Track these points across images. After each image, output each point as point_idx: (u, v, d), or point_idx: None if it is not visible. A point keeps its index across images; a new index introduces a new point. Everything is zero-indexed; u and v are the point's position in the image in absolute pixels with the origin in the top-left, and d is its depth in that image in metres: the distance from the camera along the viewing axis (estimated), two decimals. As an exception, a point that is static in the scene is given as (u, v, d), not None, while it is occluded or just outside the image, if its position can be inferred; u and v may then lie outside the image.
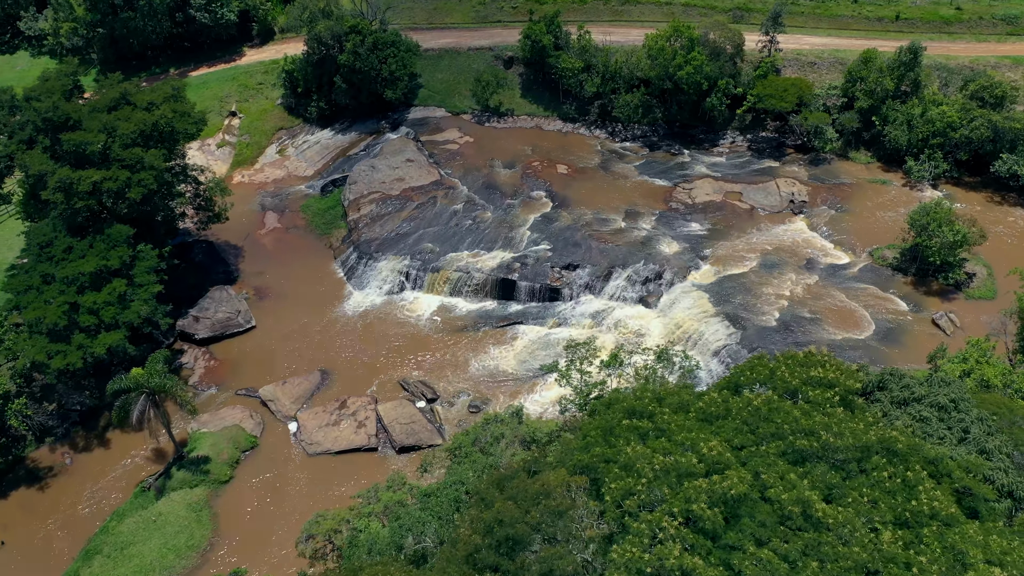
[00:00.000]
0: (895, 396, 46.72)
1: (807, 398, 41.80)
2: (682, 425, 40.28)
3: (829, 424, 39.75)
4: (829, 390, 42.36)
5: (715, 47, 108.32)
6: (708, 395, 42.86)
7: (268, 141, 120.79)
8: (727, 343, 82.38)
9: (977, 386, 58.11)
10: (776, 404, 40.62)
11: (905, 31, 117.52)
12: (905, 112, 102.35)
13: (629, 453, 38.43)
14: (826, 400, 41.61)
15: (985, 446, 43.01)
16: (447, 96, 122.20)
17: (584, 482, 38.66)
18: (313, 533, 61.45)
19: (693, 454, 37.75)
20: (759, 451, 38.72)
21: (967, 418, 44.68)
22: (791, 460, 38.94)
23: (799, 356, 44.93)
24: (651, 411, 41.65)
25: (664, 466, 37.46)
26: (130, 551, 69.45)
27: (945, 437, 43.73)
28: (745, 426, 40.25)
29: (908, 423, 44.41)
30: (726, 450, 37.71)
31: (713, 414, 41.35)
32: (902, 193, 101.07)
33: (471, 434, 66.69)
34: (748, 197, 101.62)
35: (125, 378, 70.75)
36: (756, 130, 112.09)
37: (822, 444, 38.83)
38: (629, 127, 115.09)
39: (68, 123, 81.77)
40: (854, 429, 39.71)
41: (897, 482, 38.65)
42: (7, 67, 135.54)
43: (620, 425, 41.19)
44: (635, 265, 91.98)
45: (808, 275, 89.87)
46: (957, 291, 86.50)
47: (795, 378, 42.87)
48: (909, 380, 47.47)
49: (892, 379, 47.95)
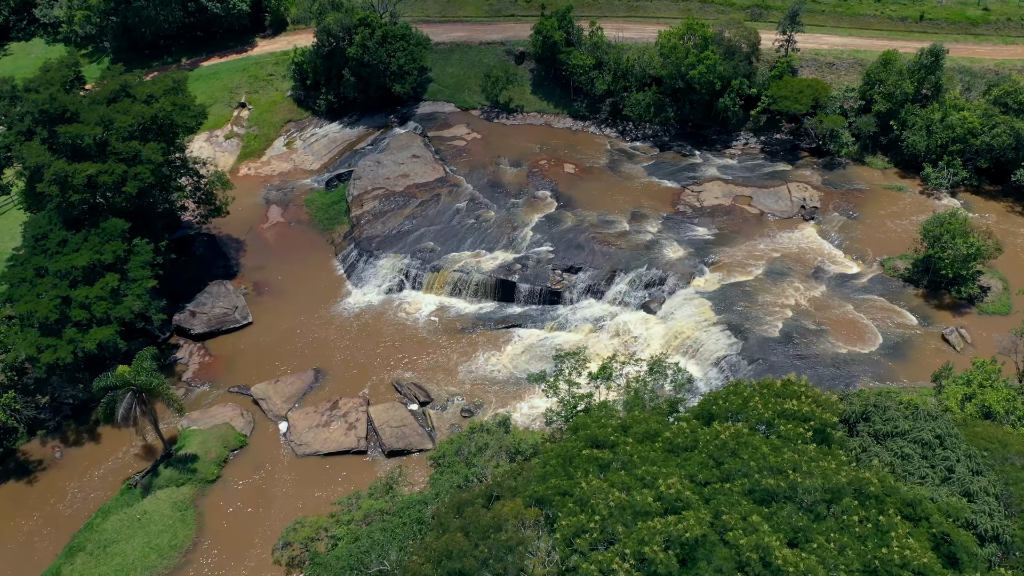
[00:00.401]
0: (877, 429, 44.41)
1: (778, 432, 39.72)
2: (646, 457, 38.42)
3: (799, 462, 37.64)
4: (804, 424, 40.22)
5: (730, 46, 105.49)
6: (677, 424, 40.94)
7: (276, 133, 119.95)
8: (727, 353, 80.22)
9: (978, 411, 55.64)
10: (745, 438, 38.63)
11: (929, 32, 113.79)
12: (924, 117, 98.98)
13: (584, 488, 36.70)
14: (798, 435, 39.48)
15: (969, 487, 40.66)
16: (457, 91, 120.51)
17: (538, 515, 37.06)
18: (290, 540, 60.55)
19: (651, 491, 35.90)
20: (723, 488, 36.81)
21: (952, 456, 42.25)
22: (757, 499, 36.97)
23: (776, 385, 42.82)
24: (614, 441, 39.86)
25: (620, 503, 35.66)
26: (113, 549, 69.09)
27: (927, 476, 41.45)
28: (711, 460, 38.30)
29: (888, 460, 42.15)
30: (686, 488, 35.79)
31: (680, 445, 39.47)
32: (918, 201, 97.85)
33: (456, 443, 65.34)
34: (758, 201, 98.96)
35: (111, 375, 70.21)
36: (770, 132, 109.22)
37: (790, 484, 36.79)
38: (640, 126, 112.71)
39: (65, 115, 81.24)
40: (824, 469, 37.60)
41: (868, 527, 36.48)
42: (22, 54, 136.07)
43: (580, 455, 39.49)
44: (638, 269, 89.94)
45: (815, 284, 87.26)
46: (970, 305, 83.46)
47: (768, 410, 40.75)
48: (893, 412, 45.10)
49: (875, 411, 45.62)
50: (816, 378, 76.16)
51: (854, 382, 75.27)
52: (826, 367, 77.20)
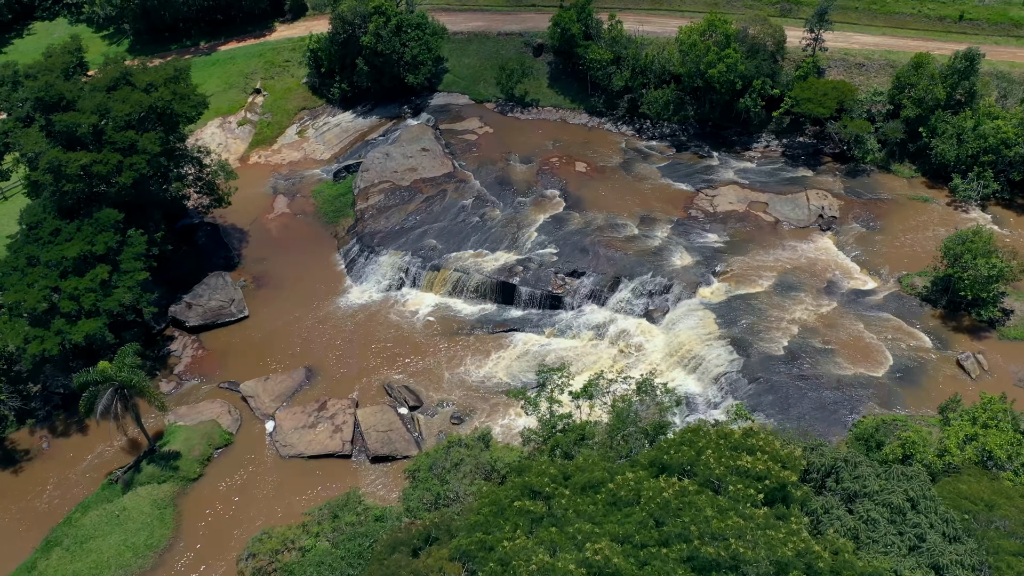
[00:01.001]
0: (846, 487, 41.13)
1: (727, 492, 36.76)
2: (583, 511, 35.81)
3: (744, 529, 34.67)
4: (759, 482, 37.14)
5: (754, 43, 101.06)
6: (623, 475, 38.15)
7: (289, 121, 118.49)
8: (728, 370, 76.96)
9: (978, 455, 51.90)
10: (690, 497, 35.75)
11: (969, 33, 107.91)
12: (955, 124, 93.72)
13: (507, 547, 34.24)
14: (749, 497, 36.46)
15: (940, 559, 37.26)
16: (472, 83, 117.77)
17: (459, 571, 34.83)
18: (255, 552, 59.26)
19: (578, 553, 33.32)
20: (660, 554, 34.04)
21: (924, 521, 38.79)
22: (695, 567, 34.07)
23: (735, 436, 39.68)
24: (550, 492, 37.31)
25: (541, 567, 33.15)
26: (89, 545, 68.63)
27: (893, 544, 38.11)
28: (652, 520, 35.52)
29: (852, 524, 38.90)
30: (615, 554, 33.07)
31: (623, 499, 36.74)
32: (945, 213, 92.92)
33: (431, 456, 63.39)
34: (774, 208, 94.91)
35: (92, 370, 69.46)
36: (793, 134, 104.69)
37: (731, 554, 33.80)
38: (658, 125, 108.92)
39: (61, 103, 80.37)
40: (771, 539, 34.57)
41: (815, 607, 33.53)
42: (45, 34, 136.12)
43: (511, 507, 37.03)
44: (642, 277, 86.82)
45: (827, 300, 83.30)
46: (990, 329, 78.83)
47: (721, 466, 37.69)
48: (864, 469, 41.74)
49: (845, 467, 42.28)
50: (818, 401, 72.92)
51: (858, 407, 71.69)
52: (829, 390, 73.59)
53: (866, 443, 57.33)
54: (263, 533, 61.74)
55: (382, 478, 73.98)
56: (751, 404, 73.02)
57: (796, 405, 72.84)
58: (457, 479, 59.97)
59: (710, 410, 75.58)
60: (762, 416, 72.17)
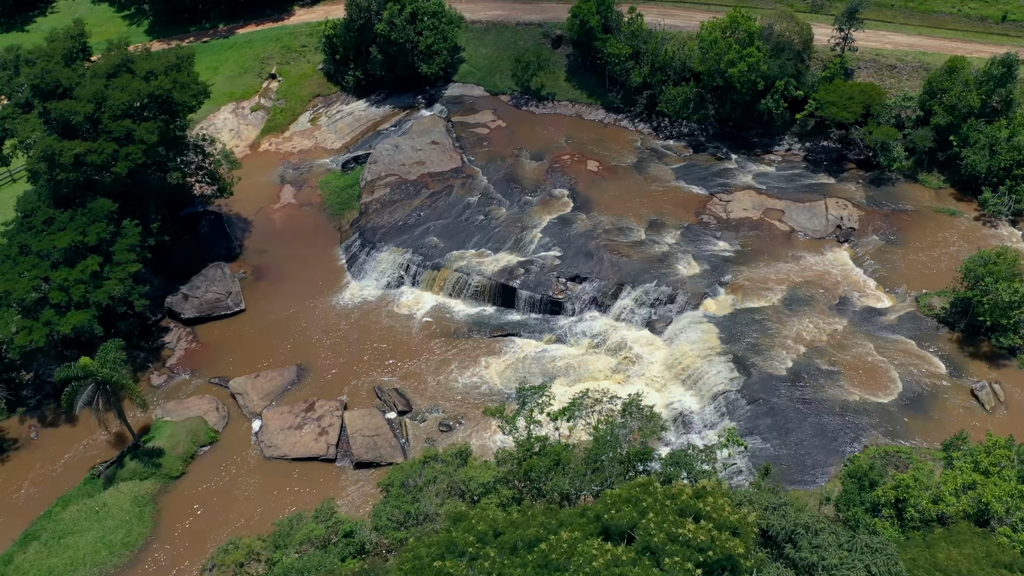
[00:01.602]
0: (802, 558, 38.08)
1: (663, 565, 33.96)
2: (510, 574, 33.38)
3: (675, 608, 32.07)
4: (700, 554, 34.21)
5: (779, 41, 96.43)
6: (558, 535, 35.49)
7: (303, 108, 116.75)
8: (727, 389, 73.75)
9: (973, 507, 48.44)
10: (621, 569, 33.08)
11: (1011, 35, 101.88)
12: (989, 134, 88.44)
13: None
14: (686, 572, 33.56)
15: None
16: (488, 74, 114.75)
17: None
18: (219, 563, 58.06)
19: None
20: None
21: (885, 602, 35.81)
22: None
23: (685, 494, 36.59)
24: (474, 553, 34.98)
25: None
26: (67, 541, 68.23)
27: (847, 627, 35.22)
28: (580, 591, 33.04)
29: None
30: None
31: (554, 562, 34.25)
32: (972, 228, 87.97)
33: (407, 470, 61.52)
34: (790, 217, 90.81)
35: (73, 366, 68.72)
36: (817, 138, 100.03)
37: (658, 636, 31.31)
38: (676, 123, 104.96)
39: (58, 90, 79.39)
40: (702, 621, 31.91)
41: None
42: (68, 12, 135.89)
43: (430, 567, 34.72)
44: (646, 285, 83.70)
45: (838, 318, 79.40)
46: (1010, 357, 74.29)
47: (661, 532, 34.84)
48: (826, 538, 38.55)
49: (804, 534, 39.13)
50: (819, 427, 69.50)
51: (861, 436, 68.17)
52: (832, 416, 70.08)
53: (859, 481, 54.00)
54: (229, 543, 60.53)
55: (362, 486, 72.44)
56: (748, 427, 69.93)
57: (795, 430, 69.52)
58: (428, 497, 58.05)
59: (705, 430, 72.58)
60: (758, 440, 69.11)
